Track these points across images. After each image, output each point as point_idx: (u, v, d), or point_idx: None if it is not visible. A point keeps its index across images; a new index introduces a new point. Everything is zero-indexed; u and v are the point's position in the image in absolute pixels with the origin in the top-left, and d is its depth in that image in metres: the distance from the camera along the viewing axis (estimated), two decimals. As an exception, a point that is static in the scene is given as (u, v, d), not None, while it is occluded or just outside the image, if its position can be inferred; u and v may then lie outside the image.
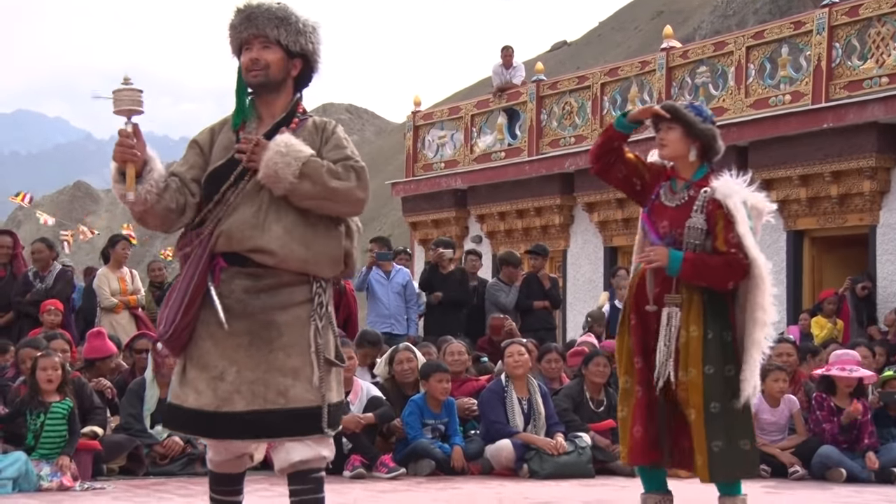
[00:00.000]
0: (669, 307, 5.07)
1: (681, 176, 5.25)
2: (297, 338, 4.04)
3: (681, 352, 5.05)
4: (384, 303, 12.17)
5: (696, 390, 5.02)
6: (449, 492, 7.36)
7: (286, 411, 3.99)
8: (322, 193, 4.02)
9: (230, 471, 4.29)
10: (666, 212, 5.19)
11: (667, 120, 5.23)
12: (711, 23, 35.23)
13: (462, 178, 19.21)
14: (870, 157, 13.54)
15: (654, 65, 16.34)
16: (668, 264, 5.06)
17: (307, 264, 4.06)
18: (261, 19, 4.12)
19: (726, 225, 5.10)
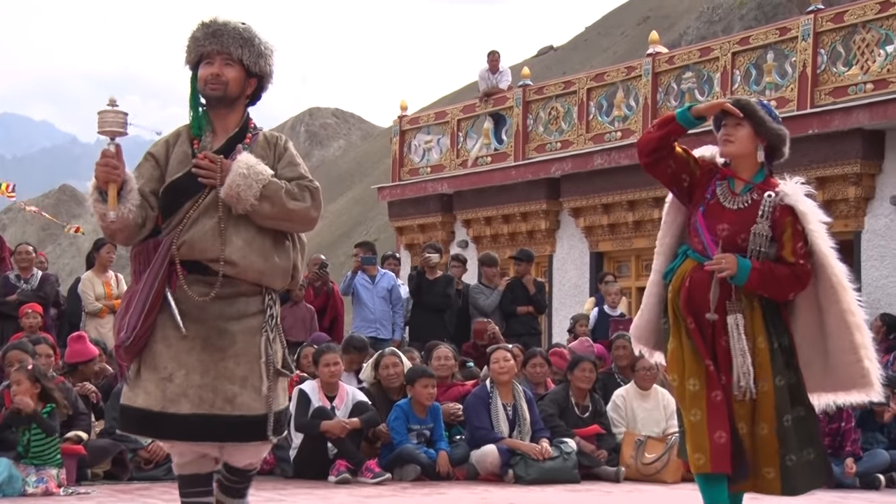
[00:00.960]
0: (733, 314, 4.81)
1: (740, 176, 4.97)
2: (247, 347, 4.21)
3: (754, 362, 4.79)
4: (369, 307, 12.16)
5: (768, 404, 4.80)
6: (434, 497, 7.35)
7: (232, 417, 4.15)
8: (280, 214, 4.22)
9: (195, 472, 4.37)
10: (726, 214, 4.89)
11: (737, 116, 4.95)
12: (697, 28, 35.33)
13: (448, 182, 19.20)
14: (855, 163, 13.59)
15: (640, 70, 16.37)
16: (737, 273, 4.80)
17: (263, 276, 4.27)
18: (226, 37, 4.30)
19: (794, 234, 4.87)
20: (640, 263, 16.86)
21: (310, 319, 12.00)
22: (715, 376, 4.81)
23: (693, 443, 4.80)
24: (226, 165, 4.16)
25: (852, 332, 4.88)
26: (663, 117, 5.06)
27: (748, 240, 4.86)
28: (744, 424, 4.79)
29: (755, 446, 4.81)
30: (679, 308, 4.90)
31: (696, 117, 4.95)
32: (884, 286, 13.54)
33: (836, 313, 4.90)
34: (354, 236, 39.93)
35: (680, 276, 4.95)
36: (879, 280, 13.60)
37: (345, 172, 54.42)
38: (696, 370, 4.83)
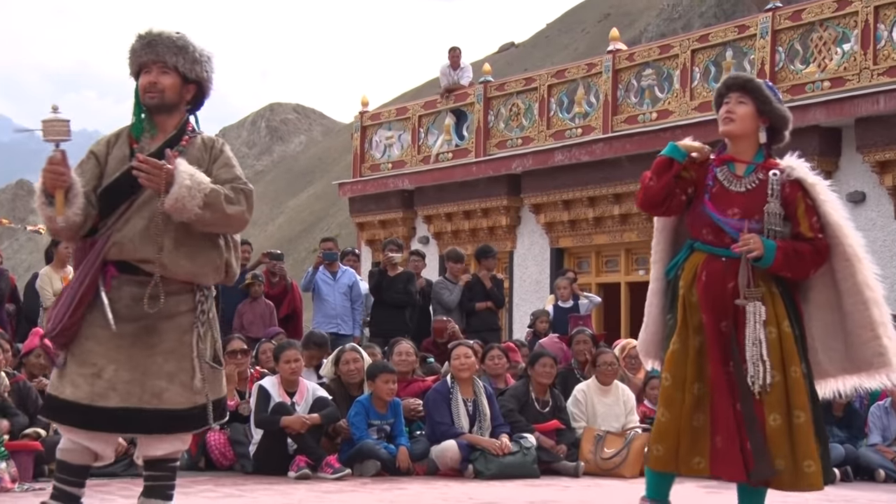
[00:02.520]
0: (752, 302, 4.62)
1: (740, 158, 4.83)
2: (176, 344, 4.38)
3: (772, 350, 4.61)
4: (330, 303, 12.15)
5: (801, 391, 4.61)
6: (394, 492, 7.35)
7: (159, 411, 4.33)
8: (220, 220, 4.37)
9: (69, 460, 4.52)
10: (734, 198, 4.73)
11: (740, 92, 4.83)
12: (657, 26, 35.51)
13: (409, 178, 19.21)
14: (811, 160, 13.44)
15: (601, 67, 16.44)
16: (764, 254, 4.62)
17: (194, 276, 4.43)
18: (161, 46, 4.48)
19: (807, 209, 4.74)
20: (601, 260, 16.96)
21: (269, 315, 11.99)
22: (717, 378, 4.64)
23: (694, 447, 4.68)
24: (169, 173, 4.26)
25: (869, 308, 4.72)
26: (655, 164, 4.85)
27: (762, 221, 4.70)
28: (777, 415, 4.59)
29: (794, 437, 4.60)
30: (693, 303, 4.73)
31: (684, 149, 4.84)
32: (840, 282, 13.68)
33: (852, 287, 4.74)
34: (315, 232, 39.83)
35: (691, 269, 4.78)
36: (836, 276, 13.73)
37: (306, 168, 54.27)
38: (702, 372, 4.68)
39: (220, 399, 4.53)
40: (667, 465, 4.76)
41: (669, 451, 4.71)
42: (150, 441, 4.47)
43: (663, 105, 15.39)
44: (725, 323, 4.68)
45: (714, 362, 4.66)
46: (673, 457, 4.71)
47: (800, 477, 4.61)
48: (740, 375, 4.61)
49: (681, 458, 4.70)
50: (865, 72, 13.27)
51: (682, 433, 4.69)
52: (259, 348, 9.96)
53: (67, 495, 4.52)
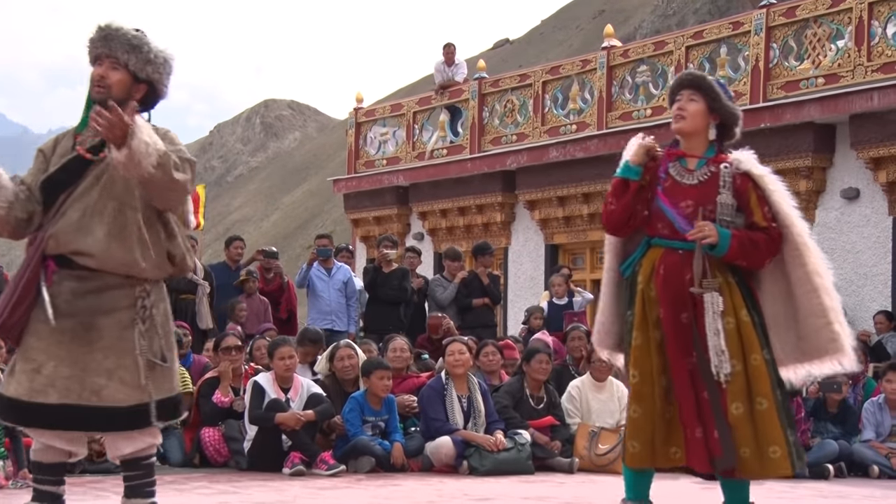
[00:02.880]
0: (710, 292, 4.68)
1: (691, 154, 4.89)
2: (115, 341, 4.31)
3: (731, 339, 4.66)
4: (325, 299, 12.16)
5: (763, 378, 4.66)
6: (389, 489, 7.36)
7: (98, 409, 4.28)
8: (168, 184, 4.27)
9: (41, 459, 4.50)
10: (687, 190, 4.81)
11: (692, 89, 4.88)
12: (652, 22, 35.54)
13: (404, 175, 19.20)
14: (806, 156, 13.74)
15: (595, 63, 16.44)
16: (718, 242, 4.70)
17: (128, 267, 4.33)
18: (115, 42, 4.44)
19: (759, 199, 4.82)
20: (595, 256, 16.96)
21: (264, 311, 11.99)
22: (679, 370, 4.69)
23: (669, 438, 4.71)
24: (128, 127, 4.16)
25: (820, 295, 4.79)
26: (613, 185, 4.92)
27: (715, 212, 4.77)
28: (739, 403, 4.64)
29: (757, 425, 4.64)
30: (651, 297, 4.79)
31: (636, 165, 4.88)
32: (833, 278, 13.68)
33: (803, 276, 4.81)
34: (310, 228, 39.82)
35: (649, 264, 4.84)
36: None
37: (300, 164, 54.23)
38: (665, 365, 4.74)
39: (170, 397, 4.44)
40: (643, 460, 4.79)
41: (645, 446, 4.75)
42: (112, 440, 4.44)
43: (658, 101, 15.39)
44: (686, 314, 4.73)
45: (674, 355, 4.71)
46: (649, 451, 4.75)
47: (766, 463, 4.64)
48: (704, 366, 4.65)
49: (657, 450, 4.74)
50: (860, 68, 13.28)
51: (656, 426, 4.73)
52: (253, 345, 9.95)
53: (47, 495, 4.51)
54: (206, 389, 8.85)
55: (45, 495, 4.52)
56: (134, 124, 4.17)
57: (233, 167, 62.24)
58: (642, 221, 4.90)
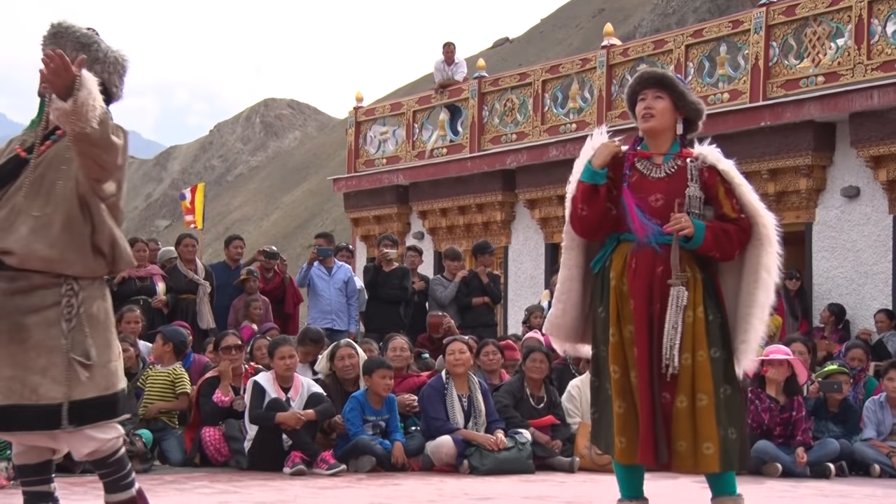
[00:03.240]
0: (677, 287, 4.74)
1: (658, 151, 4.94)
2: (45, 338, 4.26)
3: (685, 334, 4.74)
4: (326, 298, 12.16)
5: (705, 374, 4.72)
6: (389, 488, 7.36)
7: (37, 407, 4.24)
8: (106, 145, 4.19)
9: (28, 461, 4.51)
10: (656, 184, 4.86)
11: (656, 87, 4.93)
12: (651, 21, 35.54)
13: (404, 174, 19.20)
14: (806, 155, 13.73)
15: (595, 62, 16.44)
16: (694, 234, 4.76)
17: (52, 263, 4.27)
18: (64, 39, 4.38)
19: (727, 191, 4.89)
20: (595, 255, 16.95)
21: (265, 311, 11.99)
22: (641, 363, 4.75)
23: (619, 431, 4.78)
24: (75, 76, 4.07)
25: (758, 289, 4.88)
26: (581, 191, 4.92)
27: (685, 204, 4.83)
28: (684, 397, 4.73)
29: (695, 419, 4.72)
30: (624, 292, 4.83)
31: (601, 168, 4.91)
32: (834, 277, 13.71)
33: (753, 266, 4.91)
34: (310, 228, 39.81)
35: (621, 259, 4.87)
36: (830, 271, 13.76)
37: (300, 164, 54.23)
38: (625, 359, 4.81)
39: (100, 397, 4.33)
40: (632, 456, 4.83)
41: (632, 441, 4.79)
42: (69, 441, 4.38)
43: (658, 100, 15.38)
44: (659, 306, 4.79)
45: (640, 347, 4.76)
46: (634, 448, 4.79)
47: (698, 459, 4.73)
48: (660, 358, 4.73)
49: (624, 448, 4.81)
50: (859, 67, 13.27)
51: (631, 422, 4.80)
52: (254, 344, 9.95)
53: (40, 495, 4.51)
54: (207, 389, 8.85)
55: (37, 496, 4.51)
56: (81, 76, 4.10)
57: (233, 166, 62.23)
58: (613, 221, 4.93)
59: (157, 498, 6.71)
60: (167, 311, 11.37)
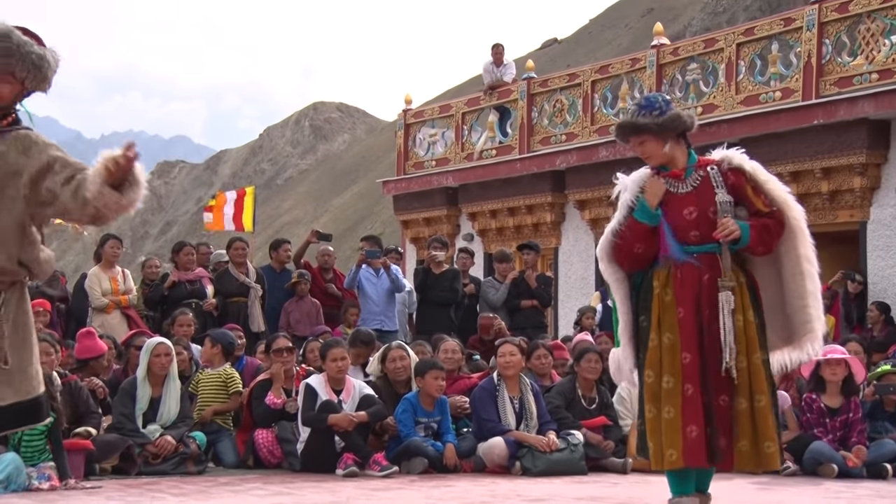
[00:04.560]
0: (724, 291, 4.89)
1: (679, 170, 5.13)
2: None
3: (738, 337, 4.89)
4: (374, 300, 12.18)
5: (761, 376, 4.91)
6: (442, 489, 7.36)
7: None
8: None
9: None
10: (685, 199, 5.04)
11: (633, 136, 5.15)
12: (702, 20, 35.30)
13: (453, 176, 19.21)
14: (860, 153, 13.57)
15: (645, 62, 16.36)
16: (741, 235, 4.94)
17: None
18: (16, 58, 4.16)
19: (754, 188, 5.06)
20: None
21: (315, 314, 12.05)
22: (688, 369, 4.85)
23: (667, 439, 4.85)
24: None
25: (805, 279, 5.06)
26: (638, 231, 5.05)
27: (716, 212, 4.98)
28: (743, 399, 4.86)
29: (755, 420, 4.86)
30: (667, 302, 4.95)
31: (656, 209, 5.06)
32: (889, 276, 13.52)
33: (794, 259, 5.06)
34: (359, 230, 39.94)
35: (665, 270, 5.01)
36: (885, 270, 13.58)
37: (349, 166, 54.44)
38: (672, 367, 4.90)
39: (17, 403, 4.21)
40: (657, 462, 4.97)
41: (658, 446, 4.91)
42: None
43: (708, 100, 15.28)
44: (708, 313, 4.90)
45: (691, 353, 4.87)
46: (657, 452, 4.92)
47: (761, 457, 4.89)
48: (713, 362, 4.83)
49: (655, 452, 4.91)
50: (914, 63, 13.10)
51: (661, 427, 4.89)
52: (306, 346, 9.99)
53: None
54: (259, 391, 8.90)
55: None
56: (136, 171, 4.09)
57: (282, 170, 62.61)
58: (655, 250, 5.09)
59: (212, 500, 6.77)
60: (217, 313, 11.46)
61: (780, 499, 7.16)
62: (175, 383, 8.62)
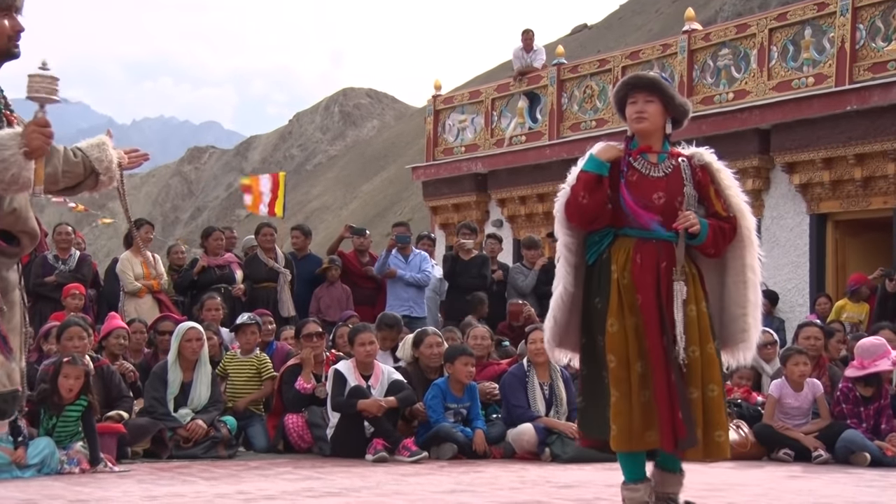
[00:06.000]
0: (678, 281, 4.95)
1: (653, 149, 5.13)
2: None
3: (692, 327, 4.94)
4: (403, 285, 12.20)
5: (714, 366, 4.97)
6: (471, 475, 7.36)
7: None
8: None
9: None
10: (656, 183, 5.05)
11: (647, 91, 5.12)
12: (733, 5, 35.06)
13: (483, 162, 19.17)
14: (894, 139, 13.42)
15: (676, 47, 16.24)
16: (700, 230, 4.99)
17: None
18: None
19: (717, 191, 5.12)
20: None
21: (345, 299, 12.07)
22: (656, 352, 4.90)
23: (645, 422, 4.90)
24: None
25: (747, 288, 5.12)
26: (584, 180, 5.10)
27: (683, 202, 5.02)
28: (694, 389, 4.92)
29: (707, 410, 4.93)
30: (626, 285, 4.97)
31: (607, 161, 5.08)
32: (923, 264, 13.39)
33: (739, 267, 5.14)
34: (389, 216, 39.98)
35: (623, 253, 5.02)
36: (919, 258, 13.45)
37: (379, 152, 54.48)
38: (641, 350, 4.93)
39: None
40: (622, 443, 4.96)
41: (622, 429, 4.92)
42: None
43: (740, 85, 15.16)
44: (667, 299, 4.95)
45: (653, 339, 4.91)
46: (626, 435, 4.93)
47: (711, 447, 4.95)
48: (671, 350, 4.90)
49: (634, 434, 4.92)
50: (950, 48, 12.95)
51: (633, 410, 4.90)
52: (336, 332, 10.02)
53: None
54: (289, 376, 8.93)
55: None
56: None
57: (312, 156, 62.73)
58: (609, 216, 5.08)
59: (243, 483, 6.80)
60: (245, 298, 11.49)
61: (812, 486, 7.11)
62: (206, 368, 8.66)
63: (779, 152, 14.53)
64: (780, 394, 8.77)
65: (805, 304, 14.27)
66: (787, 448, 8.58)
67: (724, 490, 6.72)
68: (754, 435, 8.70)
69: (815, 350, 9.33)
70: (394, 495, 6.30)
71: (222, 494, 6.24)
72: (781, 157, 14.52)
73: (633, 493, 5.14)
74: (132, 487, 6.52)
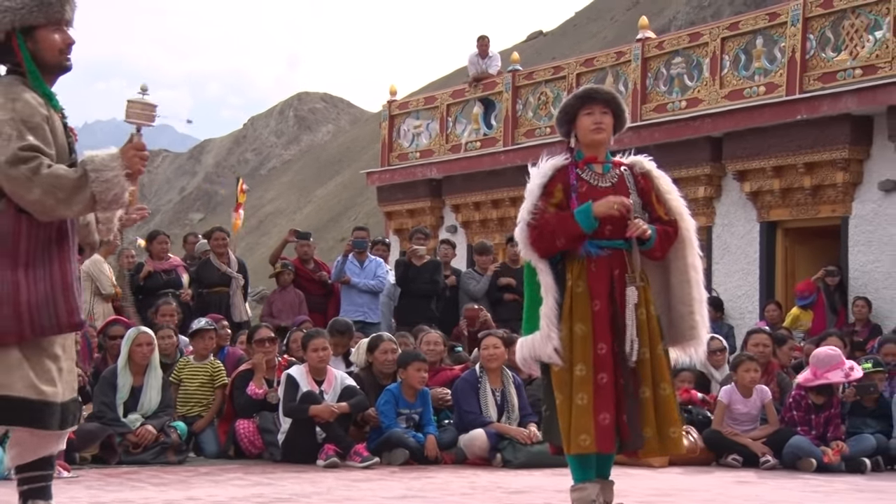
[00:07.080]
0: (632, 286, 5.10)
1: (598, 160, 5.31)
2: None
3: (642, 329, 5.09)
4: (357, 291, 12.18)
5: (664, 366, 5.14)
6: (423, 481, 7.36)
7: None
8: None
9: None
10: (605, 192, 5.18)
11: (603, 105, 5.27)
12: (687, 14, 35.34)
13: (437, 167, 19.18)
14: (843, 148, 13.60)
15: (630, 55, 16.35)
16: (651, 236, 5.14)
17: None
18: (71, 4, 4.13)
19: (658, 196, 5.29)
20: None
21: (298, 304, 12.02)
22: (606, 358, 5.03)
23: (578, 425, 4.99)
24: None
25: (692, 287, 5.29)
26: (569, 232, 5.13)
27: (631, 211, 5.15)
28: (646, 388, 5.07)
29: (659, 408, 5.08)
30: (579, 293, 5.11)
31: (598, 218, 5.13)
32: (870, 271, 13.58)
33: (682, 267, 5.31)
34: (343, 221, 39.91)
35: (577, 262, 5.16)
36: (866, 265, 13.63)
37: (333, 157, 54.31)
38: (584, 355, 5.05)
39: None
40: (566, 446, 5.10)
41: (564, 431, 5.06)
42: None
43: (693, 94, 15.29)
44: (621, 305, 5.10)
45: (606, 343, 5.06)
46: (566, 437, 5.06)
47: (666, 443, 5.10)
48: (622, 353, 5.04)
49: (572, 436, 5.03)
50: (898, 59, 13.13)
51: (571, 413, 5.03)
52: (290, 337, 9.98)
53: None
54: (240, 381, 8.89)
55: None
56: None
57: (266, 160, 62.45)
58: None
59: (192, 489, 6.76)
60: (192, 303, 11.40)
61: (759, 492, 7.18)
62: (156, 373, 8.60)
63: (730, 160, 14.67)
64: (730, 400, 8.85)
65: (755, 310, 14.41)
66: (735, 453, 8.66)
67: (673, 495, 6.78)
68: (703, 440, 8.77)
69: (764, 357, 9.41)
70: (344, 501, 6.30)
71: (171, 501, 6.20)
72: (733, 165, 14.66)
73: (580, 493, 5.22)
74: (79, 493, 6.45)
